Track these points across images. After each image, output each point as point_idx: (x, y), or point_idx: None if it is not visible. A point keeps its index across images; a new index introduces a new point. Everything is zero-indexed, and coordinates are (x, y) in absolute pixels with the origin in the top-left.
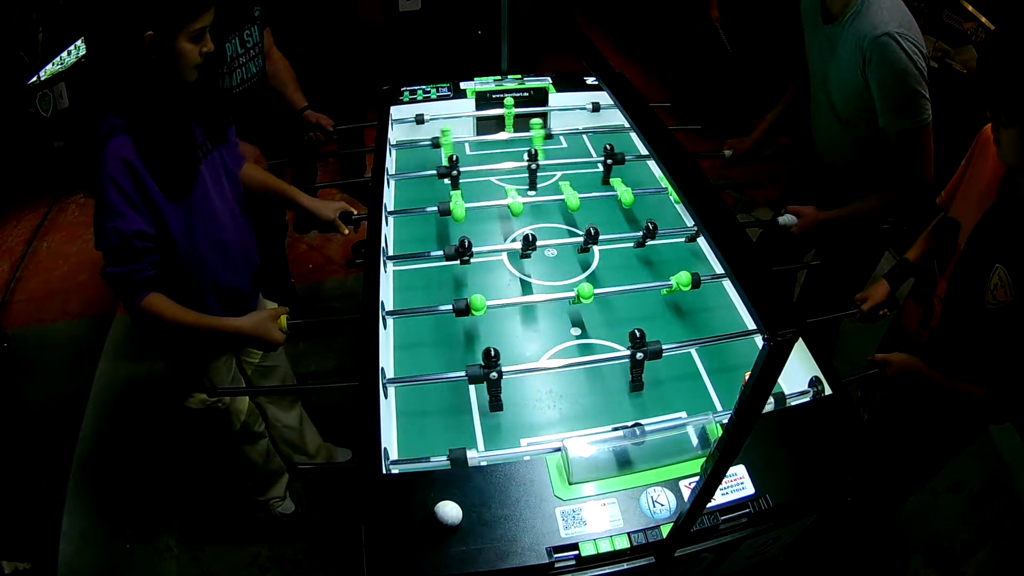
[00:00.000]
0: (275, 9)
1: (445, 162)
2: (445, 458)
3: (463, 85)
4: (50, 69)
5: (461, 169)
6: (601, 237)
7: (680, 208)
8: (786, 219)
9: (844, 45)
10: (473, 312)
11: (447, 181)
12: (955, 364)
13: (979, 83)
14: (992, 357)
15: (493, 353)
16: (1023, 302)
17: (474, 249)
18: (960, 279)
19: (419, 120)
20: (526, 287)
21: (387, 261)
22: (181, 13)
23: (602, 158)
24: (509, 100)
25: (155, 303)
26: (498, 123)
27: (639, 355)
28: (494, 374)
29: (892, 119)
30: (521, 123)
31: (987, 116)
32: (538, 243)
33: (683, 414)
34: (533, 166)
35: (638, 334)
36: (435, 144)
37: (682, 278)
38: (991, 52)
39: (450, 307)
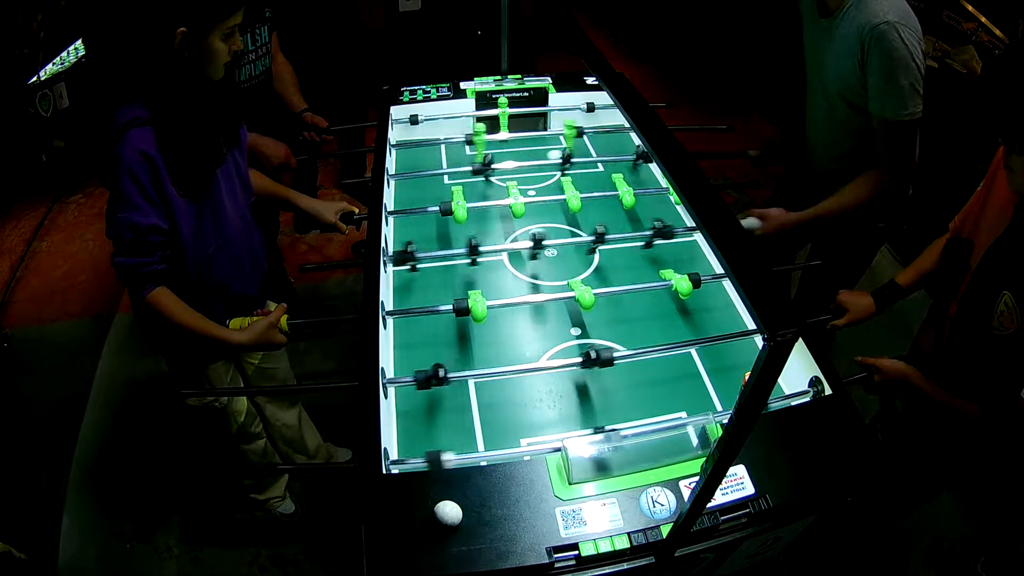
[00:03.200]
0: (283, 12)
1: (480, 159)
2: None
3: (463, 85)
4: (50, 69)
5: (461, 169)
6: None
7: (680, 209)
8: (749, 222)
9: (842, 38)
10: (475, 320)
11: (481, 177)
12: (958, 382)
13: (989, 108)
14: (992, 380)
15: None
16: None
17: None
18: (969, 301)
19: (413, 121)
20: (526, 287)
21: (387, 261)
22: (215, 11)
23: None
24: (503, 100)
25: (162, 299)
26: (495, 123)
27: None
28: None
29: (882, 107)
30: (519, 123)
31: (998, 142)
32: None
33: (683, 414)
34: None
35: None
36: (468, 140)
37: (682, 286)
38: (1001, 76)
39: (450, 307)
